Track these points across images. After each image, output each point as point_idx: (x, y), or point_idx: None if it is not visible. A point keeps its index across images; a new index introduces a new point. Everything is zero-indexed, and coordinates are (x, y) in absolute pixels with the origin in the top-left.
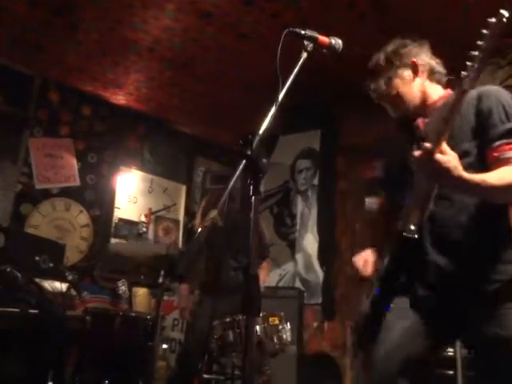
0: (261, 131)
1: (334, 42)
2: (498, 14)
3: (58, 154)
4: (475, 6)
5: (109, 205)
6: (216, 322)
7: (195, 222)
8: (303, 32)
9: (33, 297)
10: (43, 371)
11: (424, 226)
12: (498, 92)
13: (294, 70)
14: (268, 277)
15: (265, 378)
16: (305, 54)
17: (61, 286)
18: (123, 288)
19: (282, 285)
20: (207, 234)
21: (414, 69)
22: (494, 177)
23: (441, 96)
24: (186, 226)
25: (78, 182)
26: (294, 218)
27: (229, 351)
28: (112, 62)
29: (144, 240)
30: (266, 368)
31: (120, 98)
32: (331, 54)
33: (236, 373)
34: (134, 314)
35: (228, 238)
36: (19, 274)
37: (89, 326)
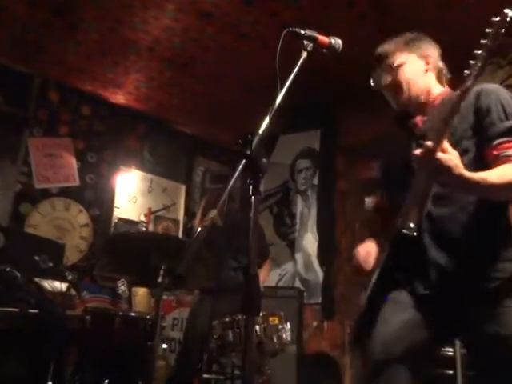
0: (260, 131)
1: (333, 41)
2: (502, 13)
3: (58, 153)
4: (475, 6)
5: (108, 204)
6: (215, 322)
7: (195, 221)
8: (303, 32)
9: (32, 296)
10: (43, 371)
11: (423, 224)
12: (497, 90)
13: (293, 70)
14: (268, 277)
15: (265, 378)
16: (304, 54)
17: (60, 285)
18: (123, 288)
19: (281, 284)
20: (207, 233)
21: (427, 63)
22: (494, 175)
23: (439, 94)
24: (185, 226)
25: (77, 182)
26: (294, 217)
27: (228, 351)
28: (112, 62)
29: None
30: (266, 368)
31: (120, 98)
32: (331, 53)
33: (236, 372)
34: (133, 314)
35: (228, 238)
36: (19, 274)
37: (88, 326)
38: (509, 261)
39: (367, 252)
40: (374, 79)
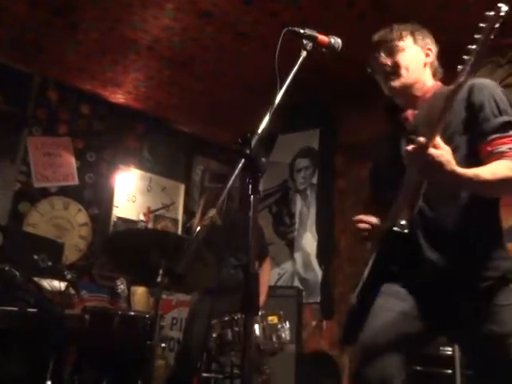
0: (260, 130)
1: (333, 41)
2: (496, 7)
3: (57, 152)
4: (475, 6)
5: (107, 203)
6: (214, 321)
7: (194, 220)
8: (302, 31)
9: (31, 296)
10: (42, 370)
11: (415, 221)
12: (489, 85)
13: (293, 69)
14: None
15: (264, 377)
16: (304, 53)
17: (59, 284)
18: (122, 287)
19: (280, 284)
20: (206, 233)
21: (427, 56)
22: (487, 171)
23: (431, 86)
24: (184, 225)
25: (76, 181)
26: (293, 217)
27: (228, 350)
28: (111, 61)
29: None
30: (265, 367)
31: (119, 97)
32: (330, 53)
33: (235, 371)
34: (132, 313)
35: (227, 237)
36: (18, 273)
37: (87, 325)
38: (501, 259)
39: (368, 220)
40: (370, 64)
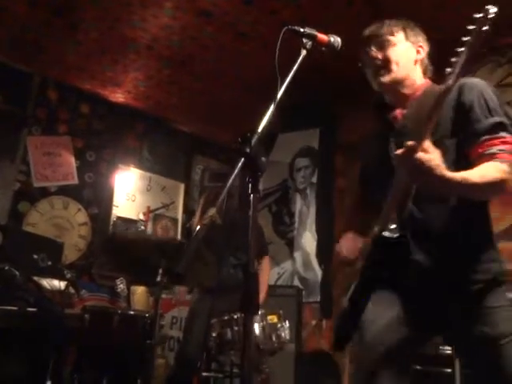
0: (259, 129)
1: (332, 39)
2: (484, 9)
3: (57, 152)
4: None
5: (107, 203)
6: (214, 320)
7: (194, 220)
8: (302, 30)
9: (31, 295)
10: (42, 369)
11: (404, 225)
12: (479, 84)
13: (292, 69)
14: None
15: (263, 376)
16: (304, 52)
17: (59, 284)
18: (121, 286)
19: (280, 283)
20: (206, 232)
21: (418, 53)
22: (476, 174)
23: (420, 85)
24: (184, 225)
25: (76, 181)
26: (293, 216)
27: (227, 349)
28: (111, 61)
29: None
30: (265, 366)
31: (118, 96)
32: (330, 51)
33: (234, 371)
34: (132, 313)
35: (227, 236)
36: (17, 273)
37: (87, 325)
38: (492, 261)
39: (350, 242)
40: (361, 58)
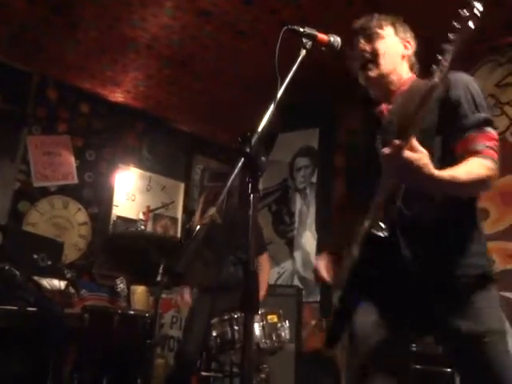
0: (259, 129)
1: (332, 39)
2: (468, 5)
3: (56, 151)
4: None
5: (107, 202)
6: (214, 320)
7: (194, 219)
8: (302, 29)
9: (31, 295)
10: (41, 369)
11: (393, 223)
12: (465, 79)
13: (292, 68)
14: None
15: (263, 376)
16: (303, 52)
17: (59, 283)
18: (121, 286)
19: (280, 283)
20: (206, 231)
21: (406, 48)
22: (463, 172)
23: (406, 79)
24: (184, 224)
25: (76, 180)
26: (293, 215)
27: (227, 349)
28: (110, 60)
29: None
30: (265, 366)
31: (118, 96)
32: (330, 51)
33: (234, 370)
34: (132, 312)
35: (227, 236)
36: (17, 272)
37: (87, 324)
38: (480, 257)
39: (326, 266)
40: (348, 53)
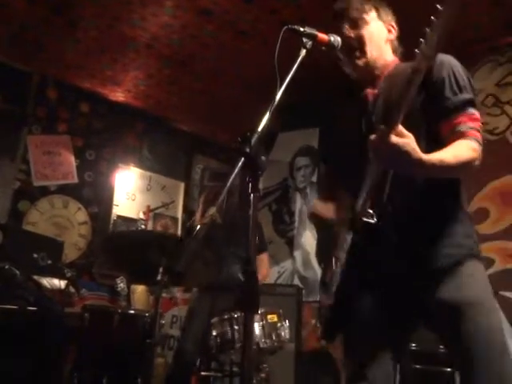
0: (259, 129)
1: (332, 39)
2: None
3: (56, 151)
4: (475, 5)
5: (107, 202)
6: (214, 319)
7: (194, 219)
8: (302, 29)
9: (31, 294)
10: (41, 368)
11: (382, 209)
12: (449, 61)
13: (292, 68)
14: (269, 274)
15: (263, 376)
16: (304, 52)
17: (59, 283)
18: (122, 285)
19: (280, 282)
20: (206, 231)
21: (389, 32)
22: (450, 155)
23: (390, 62)
24: (184, 224)
25: (76, 180)
26: (293, 215)
27: (227, 348)
28: (110, 59)
29: None
30: (265, 365)
31: (118, 95)
32: (330, 51)
33: (234, 370)
34: (132, 312)
35: (227, 235)
36: (17, 272)
37: (87, 324)
38: (465, 236)
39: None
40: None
